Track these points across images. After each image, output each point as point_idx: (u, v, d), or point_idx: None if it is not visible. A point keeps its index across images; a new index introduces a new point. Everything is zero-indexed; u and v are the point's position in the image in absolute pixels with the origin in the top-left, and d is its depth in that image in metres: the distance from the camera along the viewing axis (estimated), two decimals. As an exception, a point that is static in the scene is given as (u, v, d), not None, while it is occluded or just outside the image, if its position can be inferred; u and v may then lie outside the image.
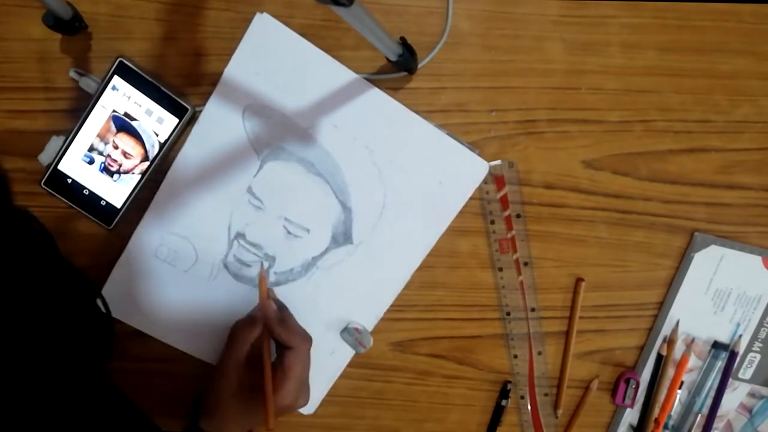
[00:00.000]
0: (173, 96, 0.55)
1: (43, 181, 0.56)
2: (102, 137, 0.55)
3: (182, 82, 0.57)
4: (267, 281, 0.58)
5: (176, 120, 0.56)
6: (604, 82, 0.58)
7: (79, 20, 0.54)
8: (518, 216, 0.59)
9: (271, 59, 0.55)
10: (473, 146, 0.58)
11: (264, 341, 0.54)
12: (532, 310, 0.61)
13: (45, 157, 0.56)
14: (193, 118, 0.57)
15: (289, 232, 0.58)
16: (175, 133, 0.56)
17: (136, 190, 0.57)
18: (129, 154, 0.56)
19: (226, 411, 0.53)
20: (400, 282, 0.60)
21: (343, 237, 0.58)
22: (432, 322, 0.62)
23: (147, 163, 0.56)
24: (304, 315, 0.58)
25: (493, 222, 0.59)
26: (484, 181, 0.59)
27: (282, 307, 0.57)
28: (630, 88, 0.58)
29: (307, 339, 0.55)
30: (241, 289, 0.59)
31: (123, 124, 0.55)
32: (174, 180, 0.57)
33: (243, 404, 0.53)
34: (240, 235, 0.58)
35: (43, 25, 0.52)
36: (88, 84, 0.55)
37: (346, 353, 0.61)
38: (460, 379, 0.63)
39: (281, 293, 0.59)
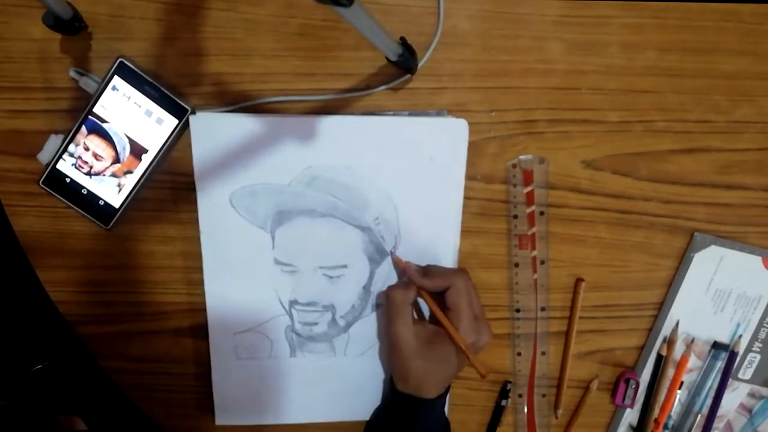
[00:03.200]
0: (173, 97, 0.55)
1: (42, 180, 0.56)
2: (73, 139, 0.56)
3: (182, 82, 0.57)
4: (339, 327, 0.61)
5: (176, 121, 0.56)
6: (604, 82, 0.58)
7: (79, 20, 0.54)
8: (542, 213, 0.59)
9: (225, 145, 0.56)
10: (440, 110, 0.58)
11: (424, 296, 0.56)
12: (542, 309, 0.62)
13: (44, 156, 0.56)
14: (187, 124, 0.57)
15: (330, 277, 0.59)
16: (174, 134, 0.56)
17: (135, 191, 0.57)
18: (100, 156, 0.56)
19: (417, 369, 0.54)
20: (450, 261, 0.60)
21: (378, 254, 0.59)
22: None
23: (119, 165, 0.56)
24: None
25: (516, 216, 0.59)
26: (513, 174, 0.59)
27: (421, 266, 0.58)
28: (630, 88, 0.58)
29: (459, 274, 0.55)
30: (323, 348, 0.61)
31: (94, 126, 0.55)
32: (212, 289, 0.59)
33: (429, 358, 0.54)
34: (294, 302, 0.60)
35: (43, 25, 0.52)
36: (88, 84, 0.55)
37: None
38: (460, 379, 0.63)
39: (359, 332, 0.61)
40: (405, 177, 0.58)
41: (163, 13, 0.56)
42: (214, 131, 0.56)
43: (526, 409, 0.64)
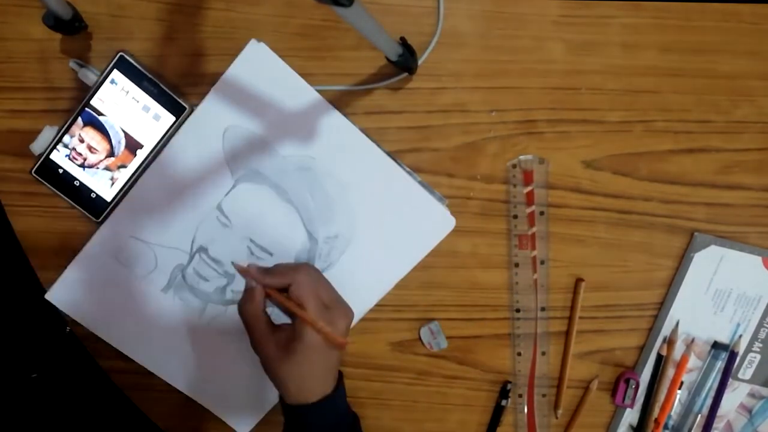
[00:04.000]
0: (172, 94, 0.55)
1: (34, 169, 0.56)
2: (68, 131, 0.56)
3: (182, 81, 0.57)
4: (224, 298, 0.59)
5: (173, 118, 0.56)
6: (604, 82, 0.58)
7: (79, 20, 0.54)
8: (542, 213, 0.59)
9: (260, 86, 0.56)
10: (443, 197, 0.59)
11: (270, 295, 0.53)
12: (542, 309, 0.62)
13: (37, 146, 0.56)
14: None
15: (251, 253, 0.59)
16: (170, 131, 0.56)
17: (128, 185, 0.57)
18: (94, 148, 0.56)
19: (289, 376, 0.52)
20: (363, 310, 0.60)
21: None
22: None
23: (113, 158, 0.56)
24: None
25: (516, 216, 0.59)
26: (513, 175, 0.59)
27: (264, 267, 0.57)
28: (630, 88, 0.58)
29: (300, 268, 0.53)
30: (195, 303, 0.60)
31: (90, 119, 0.55)
32: (146, 185, 0.57)
33: (295, 360, 0.51)
34: (203, 249, 0.59)
35: (43, 25, 0.52)
36: (87, 75, 0.55)
37: None
38: (460, 379, 0.63)
39: (233, 314, 0.58)
40: (378, 225, 0.58)
41: (163, 13, 0.56)
42: (260, 65, 0.55)
43: (526, 409, 0.64)
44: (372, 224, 0.59)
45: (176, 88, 0.56)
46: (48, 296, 0.59)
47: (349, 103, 0.58)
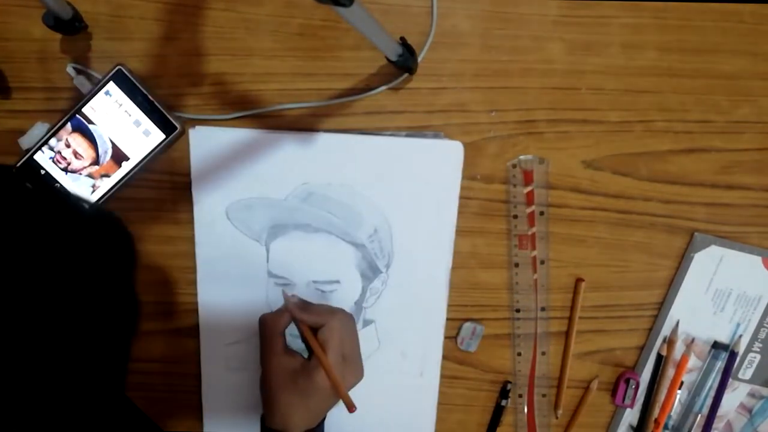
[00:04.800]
0: (164, 112, 0.55)
1: (16, 167, 0.56)
2: (56, 134, 0.56)
3: (182, 82, 0.57)
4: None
5: (163, 136, 0.56)
6: (604, 82, 0.58)
7: (79, 20, 0.54)
8: (542, 213, 0.59)
9: (223, 159, 0.57)
10: (437, 132, 0.58)
11: (299, 328, 0.55)
12: (542, 309, 0.62)
13: (26, 141, 0.56)
14: (183, 136, 0.57)
15: (323, 291, 0.60)
16: (158, 149, 0.56)
17: (109, 195, 0.57)
18: (80, 155, 0.56)
19: (282, 403, 0.53)
20: (442, 283, 0.60)
21: (371, 271, 0.60)
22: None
23: (98, 167, 0.56)
24: (377, 357, 0.61)
25: (516, 216, 0.59)
26: (513, 175, 0.59)
27: (308, 302, 0.59)
28: (630, 88, 0.58)
29: (338, 314, 0.55)
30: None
31: (79, 125, 0.55)
32: (205, 298, 0.60)
33: (295, 391, 0.53)
34: None
35: (43, 25, 0.52)
36: (82, 83, 0.55)
37: (434, 368, 0.62)
38: (460, 379, 0.63)
39: None
40: (400, 196, 0.58)
41: (163, 13, 0.56)
42: (213, 144, 0.57)
43: (526, 409, 0.64)
44: (396, 199, 0.58)
45: (171, 100, 0.57)
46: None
47: (349, 104, 0.58)
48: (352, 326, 0.56)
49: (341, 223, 0.58)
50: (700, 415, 0.65)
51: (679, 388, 0.64)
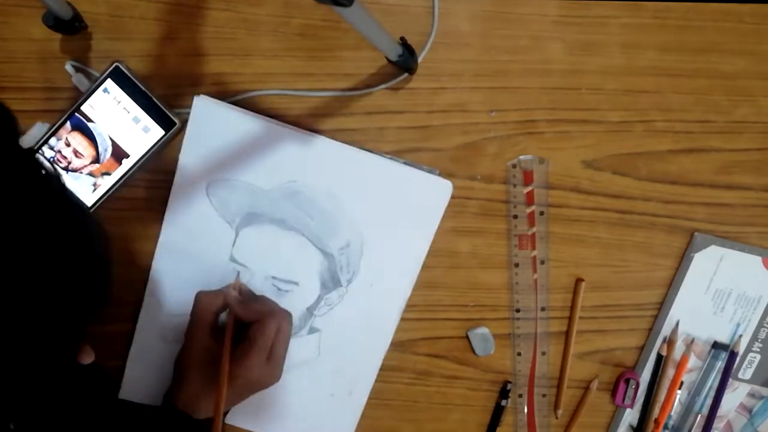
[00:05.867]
0: (163, 108, 0.55)
1: None
2: (56, 133, 0.56)
3: (182, 82, 0.57)
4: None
5: (162, 132, 0.56)
6: (604, 82, 0.58)
7: (79, 20, 0.54)
8: (542, 213, 0.59)
9: (219, 135, 0.57)
10: (432, 168, 0.59)
11: (228, 317, 0.54)
12: (542, 309, 0.62)
13: (26, 141, 0.56)
14: (181, 131, 0.57)
15: (279, 289, 0.59)
16: (158, 145, 0.56)
17: (110, 193, 0.57)
18: (80, 153, 0.56)
19: (193, 382, 0.52)
20: (395, 312, 0.61)
21: (332, 282, 0.60)
22: (432, 322, 0.62)
23: (98, 165, 0.56)
24: (312, 366, 0.61)
25: (516, 216, 0.59)
26: (513, 175, 0.59)
27: (254, 294, 0.58)
28: (630, 88, 0.58)
29: (275, 314, 0.53)
30: None
31: (79, 124, 0.55)
32: (160, 265, 0.59)
33: (208, 375, 0.52)
34: None
35: (43, 25, 0.52)
36: (81, 81, 0.55)
37: (364, 390, 0.62)
38: (460, 379, 0.63)
39: (289, 352, 0.59)
40: (381, 219, 0.58)
41: (163, 13, 0.56)
42: (213, 118, 0.56)
43: (526, 409, 0.64)
44: (376, 220, 0.58)
45: (169, 98, 0.56)
46: (122, 396, 0.61)
47: (349, 104, 0.58)
48: (288, 329, 0.54)
49: (317, 228, 0.58)
50: (700, 415, 0.65)
51: (679, 388, 0.64)
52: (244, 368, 0.51)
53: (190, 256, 0.58)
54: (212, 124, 0.56)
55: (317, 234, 0.59)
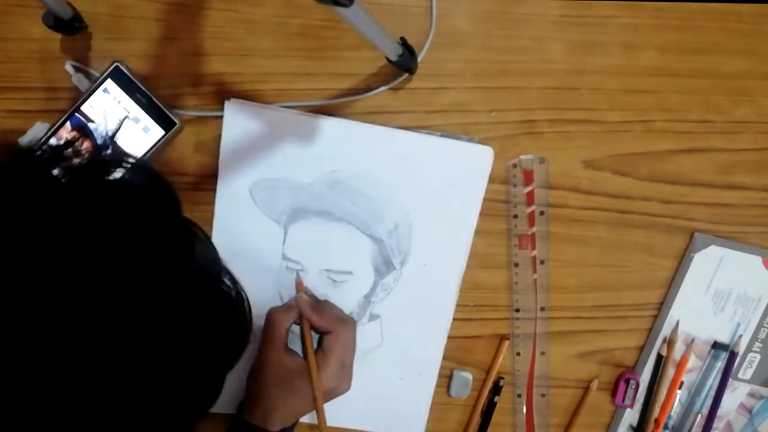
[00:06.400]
0: (163, 108, 0.55)
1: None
2: (56, 133, 0.56)
3: (182, 82, 0.57)
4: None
5: (162, 132, 0.56)
6: (604, 82, 0.58)
7: (79, 20, 0.54)
8: (542, 213, 0.59)
9: (254, 137, 0.57)
10: (470, 136, 0.58)
11: (304, 328, 0.55)
12: (542, 309, 0.62)
13: (26, 141, 0.56)
14: (180, 132, 0.57)
15: (334, 281, 0.60)
16: (158, 145, 0.56)
17: None
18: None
19: (269, 398, 0.53)
20: (453, 287, 0.60)
21: (385, 267, 0.60)
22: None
23: None
24: (378, 352, 0.61)
25: (516, 216, 0.59)
26: (513, 174, 0.59)
27: (318, 300, 0.59)
28: (630, 88, 0.58)
29: (347, 323, 0.56)
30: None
31: (79, 124, 0.55)
32: None
33: (285, 390, 0.53)
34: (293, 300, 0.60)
35: (43, 25, 0.52)
36: (81, 81, 0.55)
37: (433, 369, 0.62)
38: (460, 379, 0.63)
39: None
40: (425, 196, 0.58)
41: (163, 13, 0.56)
42: (246, 120, 0.56)
43: (525, 409, 0.64)
44: (421, 198, 0.58)
45: (169, 98, 0.56)
46: None
47: (350, 104, 0.58)
48: (355, 336, 0.57)
49: (363, 214, 0.58)
50: (700, 415, 0.65)
51: (679, 388, 0.64)
52: (323, 380, 0.53)
53: (243, 260, 0.58)
54: (246, 126, 0.56)
55: (364, 220, 0.58)
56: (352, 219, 0.58)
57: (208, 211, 0.58)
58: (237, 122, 0.56)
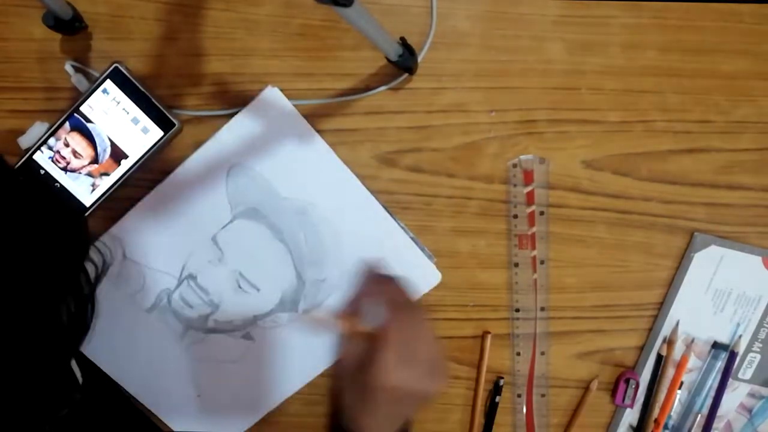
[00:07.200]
0: (162, 109, 0.55)
1: (16, 167, 0.56)
2: (55, 133, 0.56)
3: (182, 82, 0.57)
4: (206, 326, 0.60)
5: (161, 133, 0.56)
6: (604, 82, 0.58)
7: (79, 20, 0.54)
8: (542, 213, 0.59)
9: (271, 129, 0.57)
10: (431, 254, 0.60)
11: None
12: (542, 309, 0.62)
13: (25, 141, 0.56)
14: (180, 133, 0.57)
15: (239, 287, 0.60)
16: (157, 146, 0.56)
17: (109, 193, 0.57)
18: (79, 154, 0.56)
19: (348, 401, 0.43)
20: (326, 363, 0.61)
21: (290, 304, 0.60)
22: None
23: (97, 166, 0.56)
24: (226, 366, 0.61)
25: (516, 216, 0.60)
26: (513, 174, 0.59)
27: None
28: (630, 88, 0.58)
29: (392, 316, 0.43)
30: (176, 327, 0.60)
31: (78, 124, 0.55)
32: (146, 206, 0.58)
33: (358, 389, 0.42)
34: (191, 277, 0.60)
35: (43, 25, 0.52)
36: (80, 82, 0.55)
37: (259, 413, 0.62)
38: (460, 379, 0.63)
39: (214, 341, 0.60)
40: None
41: (163, 13, 0.56)
42: (273, 110, 0.56)
43: (525, 409, 0.64)
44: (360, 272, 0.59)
45: (169, 98, 0.57)
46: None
47: (350, 104, 0.58)
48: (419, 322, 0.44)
49: (306, 252, 0.59)
50: (700, 415, 0.65)
51: (679, 388, 0.64)
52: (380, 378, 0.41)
53: (180, 213, 0.58)
54: (269, 114, 0.56)
55: (302, 257, 0.59)
56: (293, 248, 0.59)
57: (208, 211, 0.58)
58: (265, 108, 0.56)
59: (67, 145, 0.56)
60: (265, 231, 0.59)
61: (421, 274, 0.60)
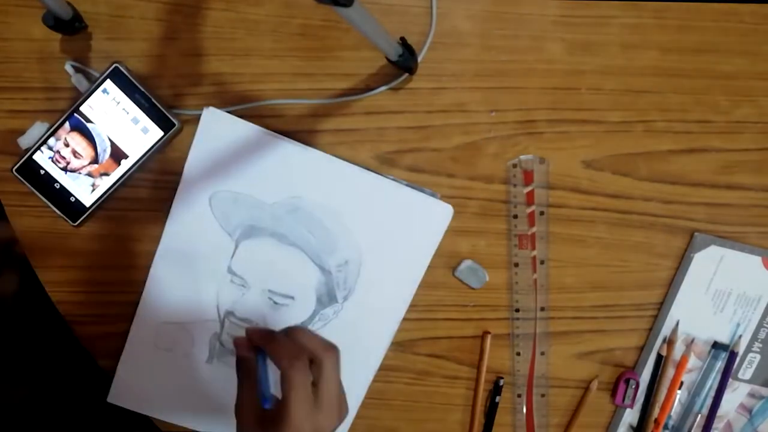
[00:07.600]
0: (162, 109, 0.55)
1: (16, 167, 0.56)
2: (55, 133, 0.56)
3: (182, 82, 0.57)
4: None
5: (161, 133, 0.56)
6: (604, 82, 0.58)
7: (79, 20, 0.54)
8: (542, 213, 0.59)
9: (227, 146, 0.57)
10: (434, 191, 0.59)
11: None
12: (542, 309, 0.62)
13: (25, 141, 0.56)
14: (180, 133, 0.57)
15: (275, 303, 0.60)
16: (157, 146, 0.56)
17: (109, 193, 0.57)
18: (79, 154, 0.56)
19: None
20: (389, 332, 0.61)
21: (327, 298, 0.60)
22: (432, 322, 0.62)
23: (97, 166, 0.56)
24: None
25: (516, 216, 0.59)
26: (513, 174, 0.59)
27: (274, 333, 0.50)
28: (630, 88, 0.58)
29: (333, 348, 0.47)
30: None
31: (77, 124, 0.55)
32: (158, 271, 0.59)
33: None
34: (229, 313, 0.60)
35: (43, 25, 0.52)
36: (80, 82, 0.55)
37: (353, 404, 0.60)
38: (460, 379, 0.63)
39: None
40: (380, 239, 0.59)
41: (163, 13, 0.56)
42: (221, 129, 0.56)
43: (525, 409, 0.64)
44: (375, 240, 0.59)
45: (169, 99, 0.57)
46: (110, 400, 0.61)
47: (349, 104, 0.58)
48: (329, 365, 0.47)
49: (316, 244, 0.59)
50: (700, 415, 0.65)
51: (679, 388, 0.64)
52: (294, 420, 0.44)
53: (188, 265, 0.59)
54: (220, 135, 0.57)
55: (316, 250, 0.59)
56: (304, 246, 0.59)
57: (208, 211, 0.58)
58: (212, 130, 0.56)
59: (67, 145, 0.56)
60: (270, 242, 0.59)
61: (432, 214, 0.59)
